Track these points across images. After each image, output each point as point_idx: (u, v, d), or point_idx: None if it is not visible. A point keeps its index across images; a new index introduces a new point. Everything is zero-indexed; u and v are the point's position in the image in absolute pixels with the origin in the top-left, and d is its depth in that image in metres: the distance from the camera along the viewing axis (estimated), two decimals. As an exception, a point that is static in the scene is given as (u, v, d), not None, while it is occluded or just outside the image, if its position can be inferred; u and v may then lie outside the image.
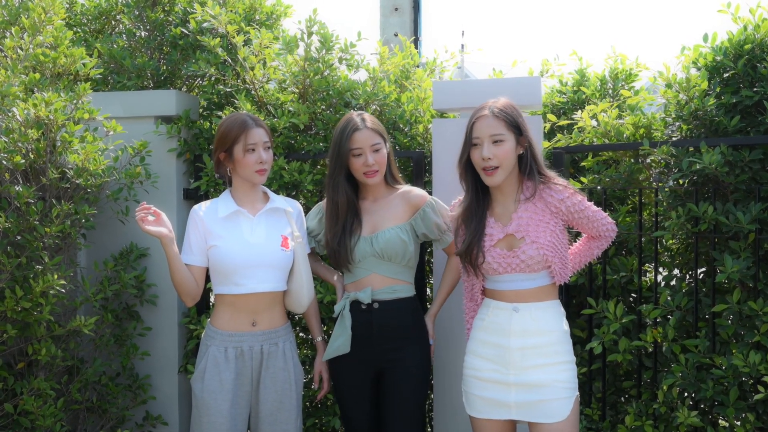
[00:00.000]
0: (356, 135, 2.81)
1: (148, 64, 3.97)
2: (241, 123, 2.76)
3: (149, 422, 3.63)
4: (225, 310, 2.78)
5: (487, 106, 2.56)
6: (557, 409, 2.47)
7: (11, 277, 2.99)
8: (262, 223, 2.80)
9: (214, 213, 2.79)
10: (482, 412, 2.57)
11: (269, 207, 2.83)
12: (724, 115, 3.04)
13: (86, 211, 3.21)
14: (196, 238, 2.78)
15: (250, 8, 4.08)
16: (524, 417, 2.51)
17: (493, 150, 2.50)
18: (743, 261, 2.86)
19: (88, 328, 3.15)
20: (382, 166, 2.84)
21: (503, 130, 2.51)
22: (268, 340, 2.77)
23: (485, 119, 2.53)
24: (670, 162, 3.12)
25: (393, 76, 3.89)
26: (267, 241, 2.77)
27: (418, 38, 6.88)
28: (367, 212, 2.89)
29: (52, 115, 3.07)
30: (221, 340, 2.75)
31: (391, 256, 2.81)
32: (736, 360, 2.83)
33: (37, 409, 3.05)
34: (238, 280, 2.73)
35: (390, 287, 2.83)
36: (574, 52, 3.96)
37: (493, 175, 2.52)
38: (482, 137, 2.51)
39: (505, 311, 2.55)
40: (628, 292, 3.38)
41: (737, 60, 3.06)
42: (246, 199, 2.83)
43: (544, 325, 2.52)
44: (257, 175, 2.77)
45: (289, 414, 2.79)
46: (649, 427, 3.03)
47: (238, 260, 2.72)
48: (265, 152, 2.76)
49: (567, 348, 2.55)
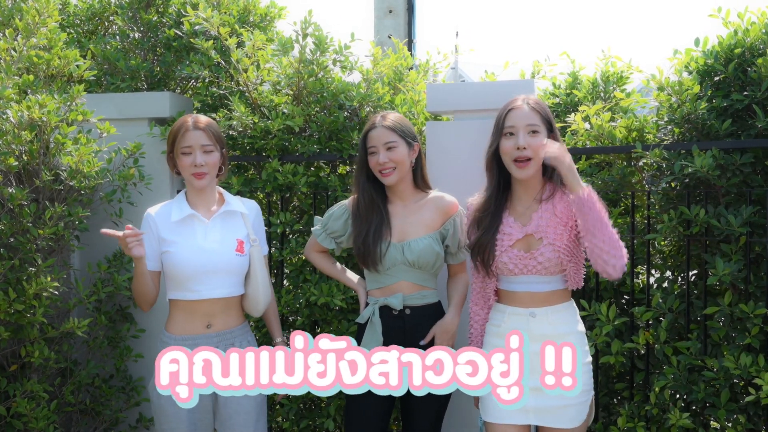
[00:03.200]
0: (371, 133, 2.78)
1: (141, 65, 3.96)
2: (180, 124, 2.69)
3: (143, 424, 3.63)
4: (179, 315, 2.72)
5: (520, 98, 2.52)
6: (575, 413, 2.46)
7: (4, 279, 2.99)
8: (217, 227, 2.73)
9: (167, 217, 2.72)
10: (501, 418, 2.50)
11: (224, 210, 2.75)
12: (715, 118, 3.06)
13: (80, 213, 3.21)
14: (150, 243, 2.70)
15: (244, 10, 4.08)
16: (541, 422, 2.48)
17: (528, 140, 2.44)
18: (734, 264, 2.88)
19: (81, 330, 3.15)
20: (398, 164, 2.76)
21: (539, 122, 2.47)
22: (223, 341, 2.70)
23: (521, 109, 2.49)
24: (662, 165, 3.14)
25: (386, 78, 3.90)
26: (221, 246, 2.70)
27: (413, 40, 6.87)
28: (396, 217, 2.83)
29: (46, 117, 3.06)
30: (175, 344, 2.65)
31: (422, 265, 2.76)
32: (728, 362, 2.85)
33: (30, 411, 3.05)
34: (192, 286, 2.67)
35: (419, 293, 2.79)
36: (565, 53, 3.97)
37: (526, 167, 2.46)
38: (518, 126, 2.46)
39: (522, 317, 2.50)
40: (621, 294, 3.39)
41: (728, 64, 3.08)
42: (199, 202, 2.74)
43: (561, 329, 2.49)
44: (194, 179, 2.67)
45: (247, 417, 2.70)
46: (642, 428, 3.05)
47: (192, 267, 2.65)
48: (203, 155, 2.66)
49: (585, 350, 2.53)
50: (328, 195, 3.59)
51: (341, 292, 3.43)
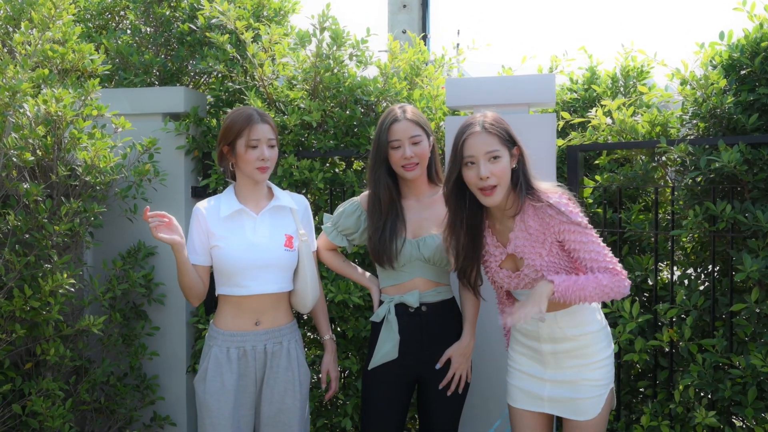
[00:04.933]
0: (395, 126, 2.71)
1: (154, 60, 3.92)
2: (246, 117, 2.65)
3: (157, 423, 3.59)
4: (228, 311, 2.70)
5: (476, 121, 2.40)
6: (588, 407, 2.46)
7: (20, 276, 2.94)
8: (266, 221, 2.70)
9: (217, 212, 2.70)
10: (518, 402, 2.58)
11: (273, 205, 2.72)
12: (741, 113, 3.02)
13: (95, 209, 3.16)
14: (200, 238, 2.70)
15: (258, 4, 4.03)
16: (556, 412, 2.51)
17: (491, 168, 2.35)
18: (762, 260, 2.84)
19: (97, 327, 3.10)
20: (422, 159, 2.72)
21: (498, 146, 2.36)
22: (271, 339, 2.69)
23: (477, 136, 2.37)
24: (687, 160, 3.10)
25: (403, 73, 3.85)
26: (270, 241, 2.67)
27: (427, 35, 6.83)
28: (411, 212, 2.78)
29: (62, 112, 3.02)
30: (223, 340, 2.67)
31: (437, 261, 2.72)
32: (755, 359, 2.81)
33: (45, 410, 3.01)
34: (241, 282, 2.65)
35: (435, 290, 2.75)
36: (583, 47, 3.92)
37: (492, 194, 2.37)
38: (477, 155, 2.36)
39: (532, 320, 2.47)
40: (642, 291, 3.35)
41: (754, 58, 3.03)
42: (249, 196, 2.72)
43: (571, 332, 2.47)
44: (258, 173, 2.66)
45: (291, 416, 2.68)
46: (666, 427, 3.00)
47: (241, 262, 2.63)
48: (268, 150, 2.65)
49: (601, 346, 2.50)
50: (344, 191, 3.55)
51: (358, 290, 3.39)
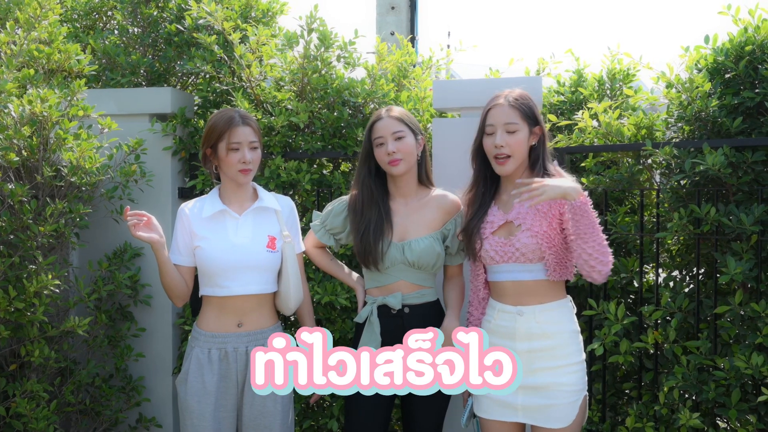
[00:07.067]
0: (377, 124, 2.75)
1: (142, 61, 3.90)
2: (227, 120, 2.65)
3: (143, 424, 3.58)
4: (211, 312, 2.70)
5: (503, 95, 2.58)
6: (562, 414, 2.46)
7: (4, 277, 2.93)
8: (249, 222, 2.71)
9: (200, 212, 2.71)
10: (490, 413, 2.55)
11: (256, 206, 2.72)
12: (726, 116, 3.04)
13: (80, 210, 3.15)
14: (183, 238, 2.71)
15: (245, 5, 4.03)
16: (530, 420, 2.50)
17: (506, 138, 2.52)
18: (746, 263, 2.86)
19: (82, 329, 3.09)
20: (406, 155, 2.72)
21: (517, 120, 2.53)
22: (253, 341, 2.67)
23: (500, 108, 2.55)
24: (672, 163, 3.11)
25: (390, 75, 3.86)
26: (252, 242, 2.68)
27: (415, 37, 6.84)
28: (398, 214, 2.78)
29: (47, 112, 3.00)
30: (205, 341, 2.67)
31: (422, 266, 2.72)
32: (739, 362, 2.83)
33: (30, 411, 2.99)
34: (223, 282, 2.65)
35: (418, 292, 2.75)
36: (570, 50, 3.94)
37: (505, 164, 2.54)
38: (496, 125, 2.54)
39: (510, 314, 2.52)
40: (628, 293, 3.37)
41: (738, 61, 3.05)
42: (233, 198, 2.73)
43: (549, 328, 2.49)
44: (241, 175, 2.66)
45: (272, 419, 2.66)
46: (650, 428, 3.02)
47: (222, 262, 2.64)
48: (250, 152, 2.65)
49: (575, 349, 2.52)
50: (332, 192, 3.55)
51: (345, 291, 3.39)
